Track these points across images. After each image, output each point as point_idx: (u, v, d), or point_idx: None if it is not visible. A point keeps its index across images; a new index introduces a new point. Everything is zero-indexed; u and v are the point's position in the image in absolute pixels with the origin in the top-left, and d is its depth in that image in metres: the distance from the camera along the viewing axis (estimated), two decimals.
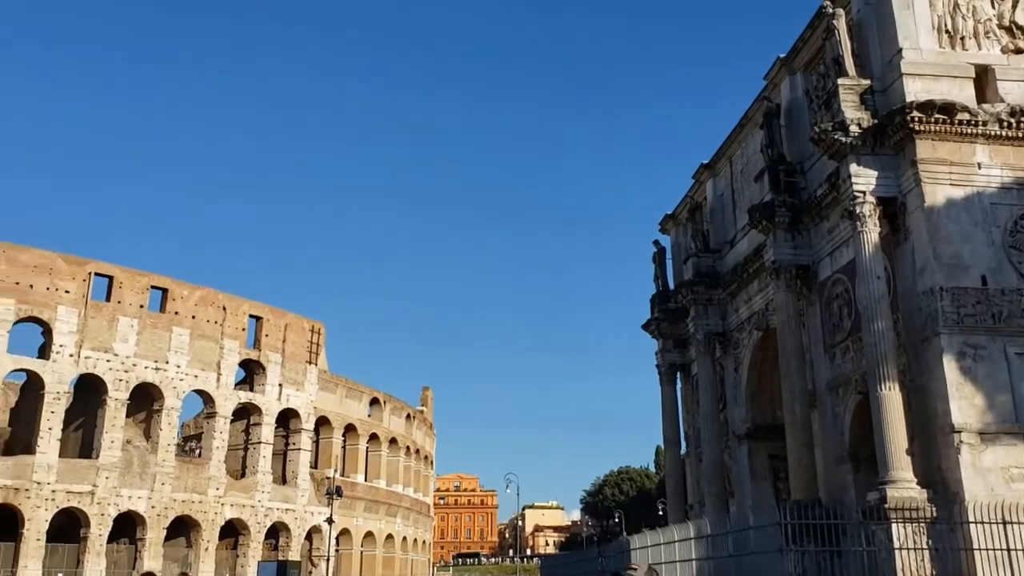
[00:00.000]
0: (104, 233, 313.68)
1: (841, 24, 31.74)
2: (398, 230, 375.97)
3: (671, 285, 51.25)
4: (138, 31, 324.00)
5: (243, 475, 74.28)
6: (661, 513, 71.39)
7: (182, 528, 68.67)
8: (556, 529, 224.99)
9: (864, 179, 29.83)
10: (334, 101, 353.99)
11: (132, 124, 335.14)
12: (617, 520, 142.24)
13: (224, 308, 73.85)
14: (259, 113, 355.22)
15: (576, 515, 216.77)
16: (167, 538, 66.77)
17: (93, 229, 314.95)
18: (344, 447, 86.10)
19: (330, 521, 64.55)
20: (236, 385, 74.89)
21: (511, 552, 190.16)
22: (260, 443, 74.71)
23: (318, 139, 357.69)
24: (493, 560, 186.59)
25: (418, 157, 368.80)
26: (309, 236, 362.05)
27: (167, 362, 68.87)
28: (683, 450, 50.62)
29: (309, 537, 78.91)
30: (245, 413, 76.04)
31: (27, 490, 60.13)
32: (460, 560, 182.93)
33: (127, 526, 65.30)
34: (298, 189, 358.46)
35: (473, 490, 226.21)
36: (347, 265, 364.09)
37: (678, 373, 50.79)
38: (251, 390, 75.85)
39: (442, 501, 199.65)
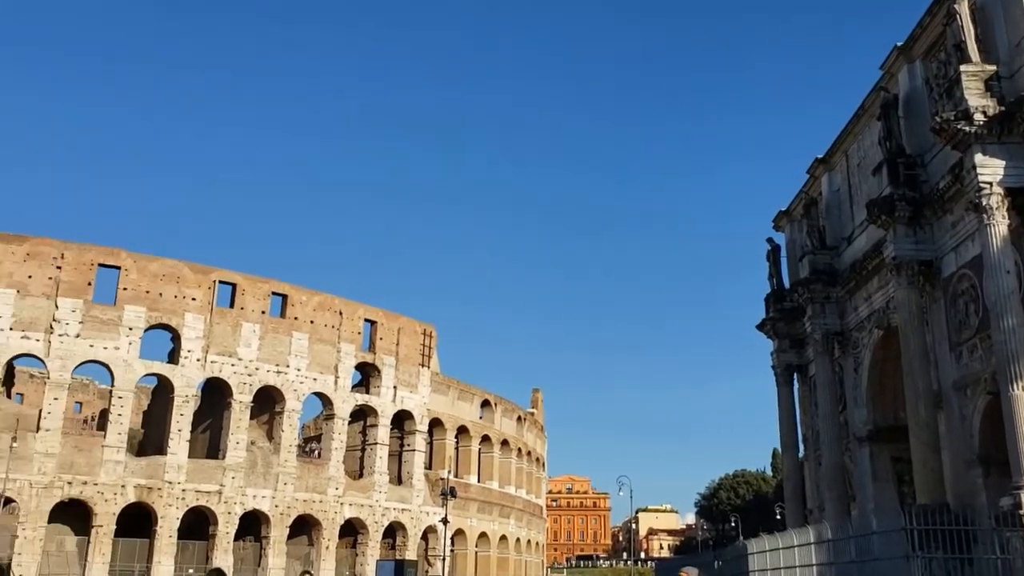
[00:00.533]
0: (227, 241, 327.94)
1: (963, 8, 30.33)
2: (508, 236, 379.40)
3: (786, 284, 49.99)
4: (237, 42, 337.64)
5: (361, 475, 76.34)
6: (779, 517, 69.60)
7: (304, 527, 71.11)
8: (670, 532, 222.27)
9: (990, 169, 28.44)
10: (438, 109, 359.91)
11: (242, 136, 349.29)
12: (733, 524, 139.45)
13: (340, 313, 76.11)
14: (368, 120, 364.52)
15: (690, 519, 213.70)
16: (290, 536, 69.27)
17: (216, 238, 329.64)
18: (457, 448, 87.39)
19: (445, 521, 65.60)
20: (353, 387, 77.08)
21: (625, 555, 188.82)
22: (376, 444, 76.64)
23: (423, 146, 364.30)
24: (607, 563, 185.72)
25: (519, 163, 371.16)
26: (423, 241, 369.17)
27: (288, 366, 71.47)
28: (801, 453, 49.27)
29: (425, 537, 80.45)
30: (362, 415, 78.18)
31: (159, 489, 63.46)
32: (579, 562, 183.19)
33: (252, 524, 68.06)
34: (406, 195, 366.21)
35: (585, 492, 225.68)
36: (458, 268, 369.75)
37: (795, 374, 49.45)
38: (367, 392, 77.92)
39: (554, 503, 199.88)
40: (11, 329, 61.62)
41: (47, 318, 62.67)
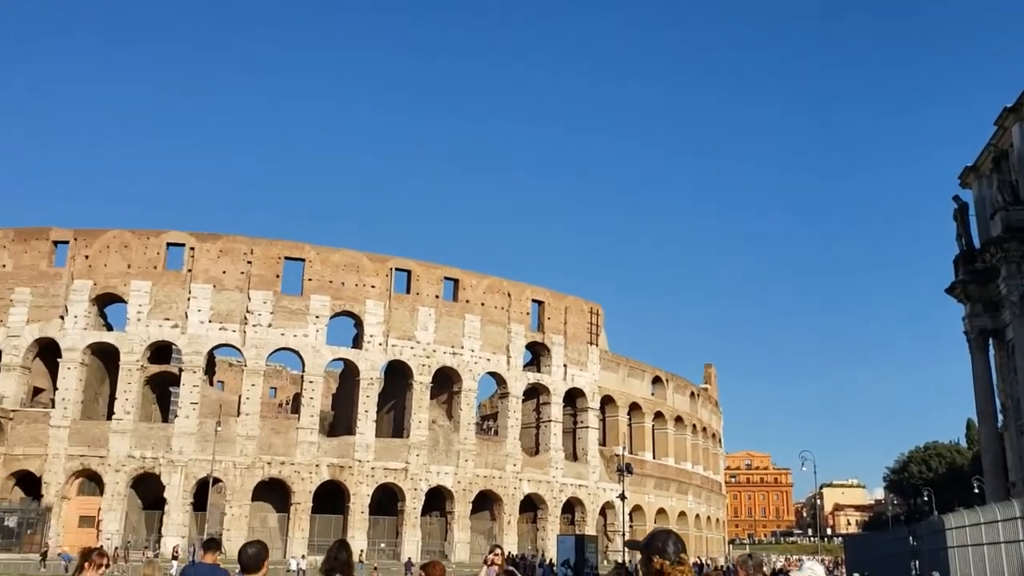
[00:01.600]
0: (401, 230, 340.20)
1: None
2: (676, 214, 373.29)
3: (976, 244, 46.68)
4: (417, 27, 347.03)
5: (537, 452, 77.77)
6: (977, 491, 65.28)
7: (486, 502, 73.31)
8: (857, 508, 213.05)
9: None
10: (613, 99, 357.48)
11: (408, 122, 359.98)
12: (926, 499, 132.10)
13: (509, 294, 77.58)
14: (540, 107, 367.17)
15: (879, 494, 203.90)
16: (473, 511, 71.60)
17: (391, 227, 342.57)
18: (630, 425, 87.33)
19: (622, 497, 65.78)
20: (524, 367, 78.51)
21: (809, 531, 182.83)
22: (550, 422, 77.80)
23: (596, 133, 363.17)
24: (792, 539, 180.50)
25: (680, 146, 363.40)
26: (591, 222, 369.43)
27: (462, 347, 73.65)
28: (1000, 423, 46.06)
29: (603, 513, 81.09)
30: (534, 393, 79.53)
31: (350, 467, 67.11)
32: (766, 538, 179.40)
33: (437, 500, 70.82)
34: (575, 177, 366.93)
35: (766, 468, 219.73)
36: (624, 246, 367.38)
37: (990, 339, 46.20)
38: (538, 371, 79.15)
39: (733, 479, 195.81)
40: (210, 321, 66.78)
41: (241, 310, 67.43)
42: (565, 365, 79.95)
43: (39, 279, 66.99)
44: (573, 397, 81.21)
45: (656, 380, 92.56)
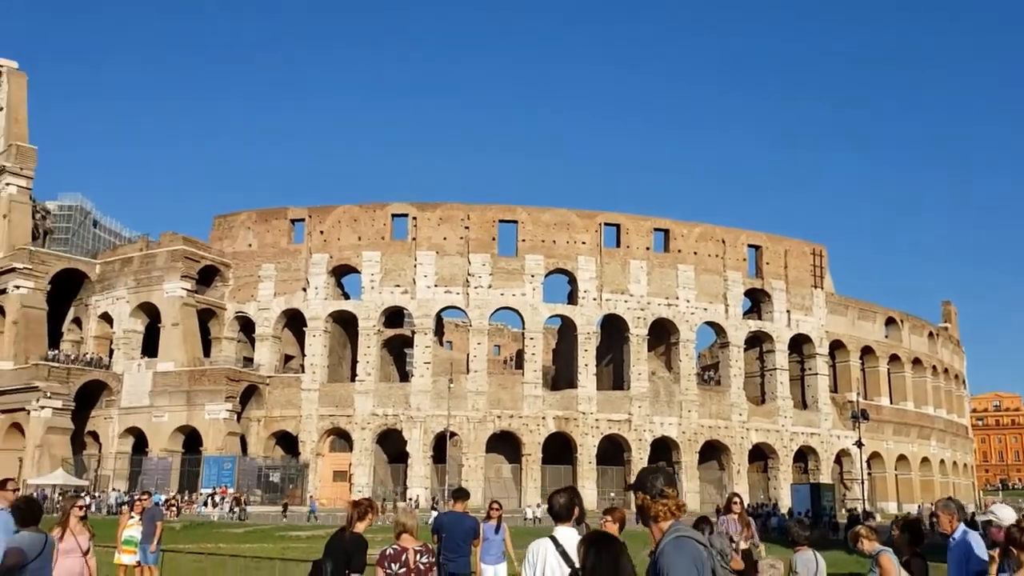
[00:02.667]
0: (607, 185, 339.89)
1: None
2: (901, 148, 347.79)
3: None
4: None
5: (763, 401, 75.93)
6: None
7: (712, 452, 72.66)
8: None
9: None
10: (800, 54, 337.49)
11: (616, 80, 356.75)
12: None
13: (723, 241, 75.72)
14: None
15: None
16: (700, 461, 71.22)
17: (598, 181, 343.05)
18: (863, 370, 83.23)
19: (859, 444, 63.00)
20: (744, 315, 76.59)
21: None
22: (775, 370, 75.59)
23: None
24: None
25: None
26: (806, 159, 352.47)
27: (676, 298, 72.92)
28: None
29: (838, 460, 78.11)
30: (756, 341, 77.48)
31: (575, 420, 68.64)
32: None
33: (662, 450, 71.02)
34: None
35: (1017, 410, 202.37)
36: (846, 180, 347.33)
37: None
38: (759, 318, 76.95)
39: (980, 423, 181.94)
40: (436, 286, 70.24)
41: (463, 273, 70.34)
42: (788, 311, 77.18)
43: (281, 255, 73.04)
44: (799, 344, 78.35)
45: (889, 321, 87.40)
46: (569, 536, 6.53)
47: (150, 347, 71.38)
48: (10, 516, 8.69)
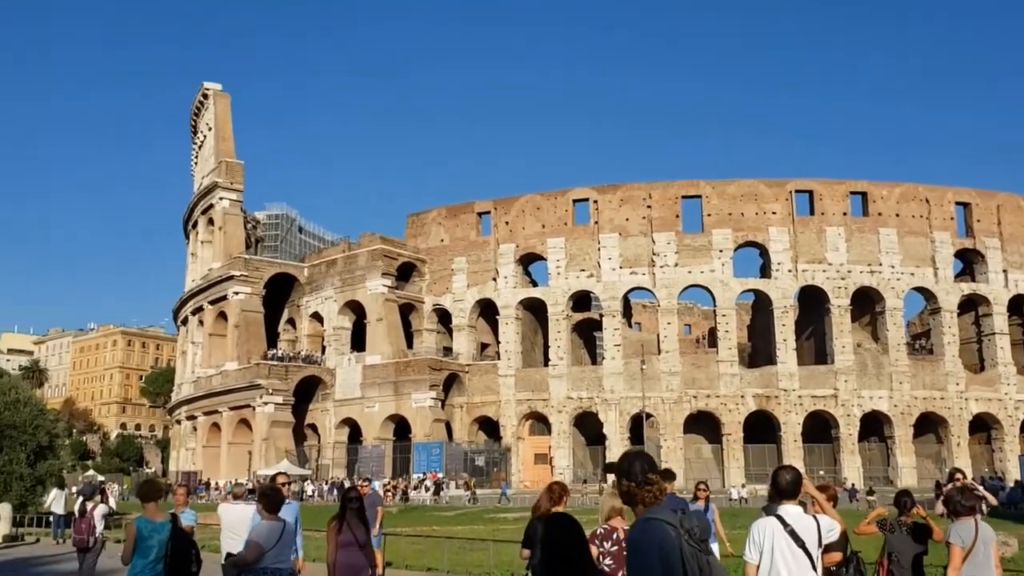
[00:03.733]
0: (795, 150, 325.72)
1: None
2: None
3: None
4: None
5: (981, 369, 70.66)
6: None
7: (928, 425, 68.35)
8: None
9: None
10: None
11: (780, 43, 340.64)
12: None
13: (927, 200, 70.92)
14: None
15: None
16: (915, 435, 67.23)
17: (786, 148, 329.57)
18: None
19: None
20: (955, 277, 71.50)
21: None
22: (994, 334, 70.08)
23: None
24: None
25: None
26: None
27: (879, 264, 69.06)
28: None
29: None
30: (971, 305, 72.15)
31: (776, 397, 66.60)
32: None
33: (874, 425, 67.62)
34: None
35: None
36: None
37: None
38: (972, 280, 71.58)
39: None
40: (621, 268, 70.15)
41: (647, 253, 69.81)
42: (1005, 271, 71.21)
43: (471, 248, 75.34)
44: (1018, 305, 72.22)
45: None
46: (796, 514, 6.40)
47: (358, 342, 75.73)
48: (257, 513, 9.60)
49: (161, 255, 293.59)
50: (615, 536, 8.28)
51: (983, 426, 69.46)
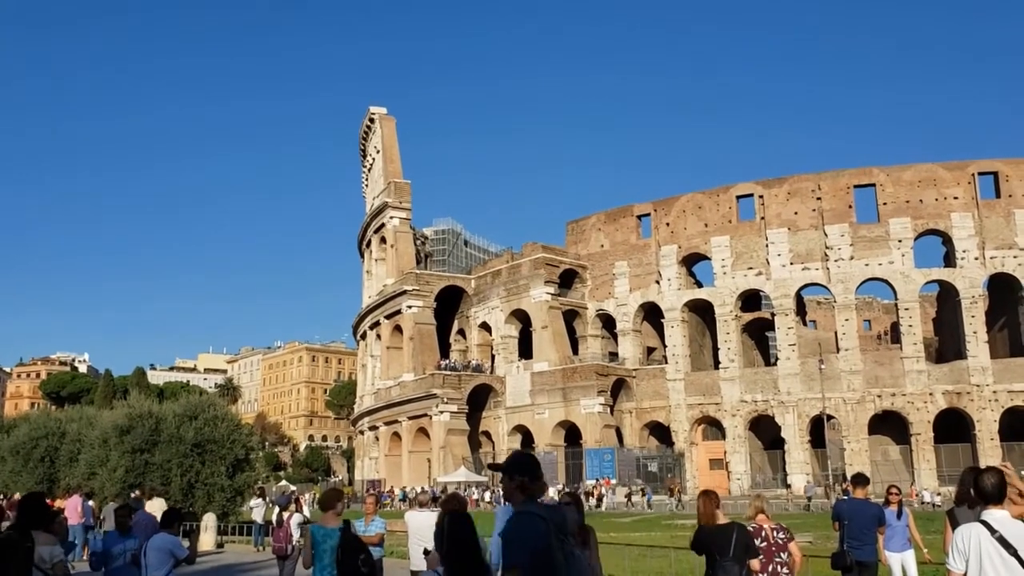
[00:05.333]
0: (976, 129, 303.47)
1: None
2: None
3: None
4: None
5: None
6: None
7: None
8: None
9: None
10: None
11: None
12: None
13: None
14: None
15: None
16: None
17: (970, 129, 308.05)
18: None
19: None
20: None
21: None
22: None
23: None
24: None
25: None
26: None
27: None
28: None
29: None
30: None
31: (968, 393, 62.37)
32: None
33: None
34: None
35: None
36: None
37: None
38: None
39: None
40: (791, 264, 67.79)
41: (820, 247, 67.13)
42: None
43: (631, 251, 75.02)
44: None
45: None
46: (1003, 519, 6.07)
47: (525, 349, 76.97)
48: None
49: (339, 274, 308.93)
50: (763, 533, 9.30)
51: None
